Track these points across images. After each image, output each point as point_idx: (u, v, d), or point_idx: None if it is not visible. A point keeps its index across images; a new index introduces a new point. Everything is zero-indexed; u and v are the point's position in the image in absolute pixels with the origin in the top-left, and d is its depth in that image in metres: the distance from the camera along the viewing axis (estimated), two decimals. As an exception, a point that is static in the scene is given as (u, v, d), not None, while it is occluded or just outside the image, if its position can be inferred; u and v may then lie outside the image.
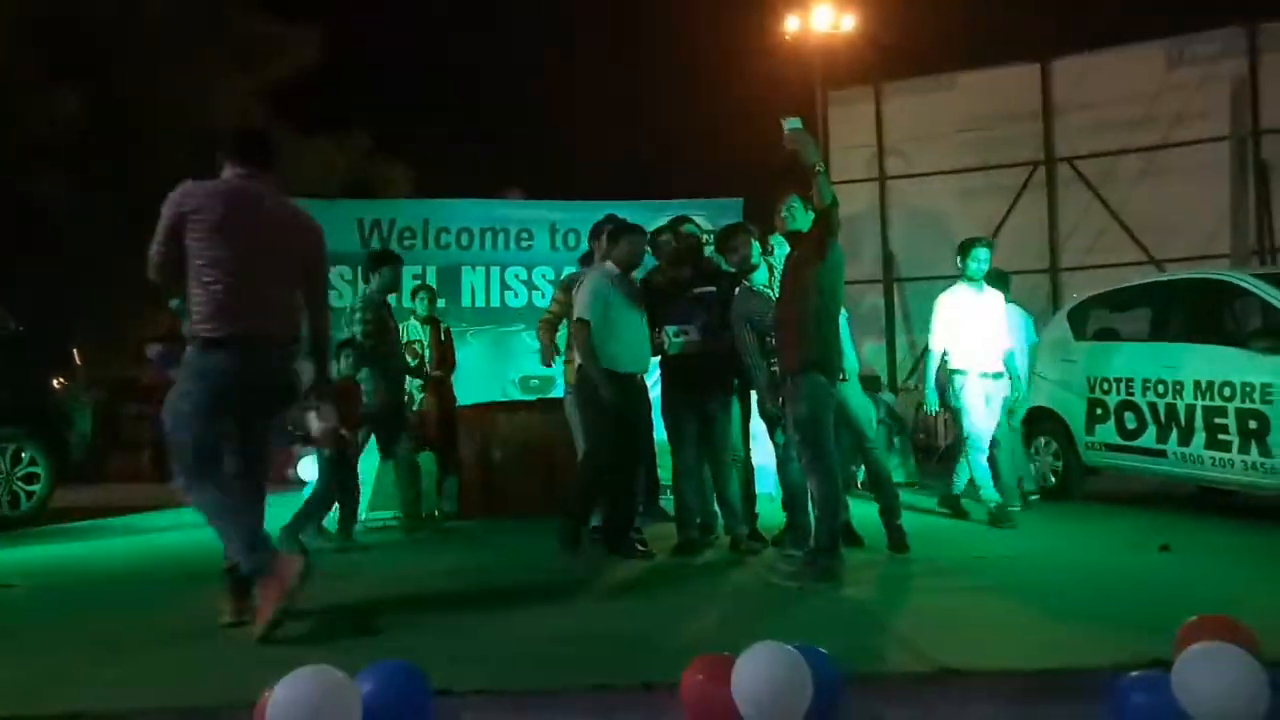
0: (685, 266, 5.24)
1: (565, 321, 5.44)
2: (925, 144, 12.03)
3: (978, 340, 5.88)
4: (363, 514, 6.27)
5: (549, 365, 5.83)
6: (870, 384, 9.34)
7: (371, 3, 18.42)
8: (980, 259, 6.02)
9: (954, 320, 5.96)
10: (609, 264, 5.02)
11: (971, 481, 6.07)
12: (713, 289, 5.08)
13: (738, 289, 4.90)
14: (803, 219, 4.41)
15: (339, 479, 5.57)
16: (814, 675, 2.27)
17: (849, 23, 13.96)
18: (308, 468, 7.71)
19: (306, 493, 7.30)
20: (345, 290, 10.37)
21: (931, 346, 6.08)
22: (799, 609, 3.67)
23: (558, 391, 7.35)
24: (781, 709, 2.21)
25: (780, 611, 3.65)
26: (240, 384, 3.31)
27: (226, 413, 3.37)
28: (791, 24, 14.16)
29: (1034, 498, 6.84)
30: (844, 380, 4.70)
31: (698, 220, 5.71)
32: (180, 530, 6.35)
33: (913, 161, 12.10)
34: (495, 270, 10.53)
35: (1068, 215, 11.33)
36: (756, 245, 4.87)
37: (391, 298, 6.30)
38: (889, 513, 4.90)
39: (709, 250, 5.63)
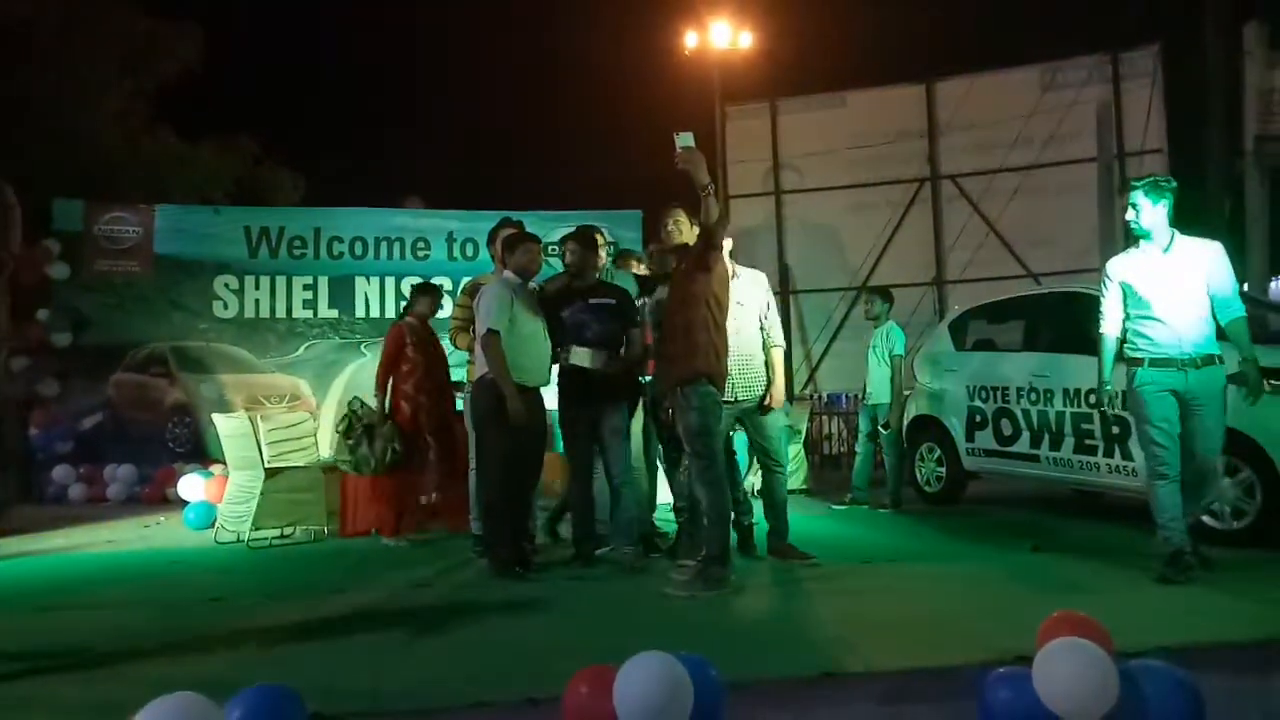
0: (589, 275, 5.17)
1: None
2: (818, 159, 12.37)
3: (1151, 317, 4.30)
4: (247, 532, 6.05)
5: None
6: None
7: (260, 3, 17.87)
8: (1140, 207, 4.29)
9: (1122, 291, 4.41)
10: (509, 273, 4.96)
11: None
12: (611, 300, 5.06)
13: (655, 295, 4.94)
14: (688, 233, 4.48)
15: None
16: (695, 683, 2.30)
17: (746, 39, 14.26)
18: (189, 487, 7.41)
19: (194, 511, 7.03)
20: (231, 300, 10.04)
21: (1103, 329, 4.51)
22: (687, 618, 3.71)
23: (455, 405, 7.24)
24: (662, 718, 2.23)
25: (668, 622, 3.68)
26: None
27: None
28: (690, 40, 14.38)
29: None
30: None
31: (603, 231, 5.64)
32: (30, 558, 5.98)
33: (806, 176, 12.43)
34: (390, 280, 10.37)
35: (951, 230, 11.83)
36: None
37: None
38: (777, 534, 4.99)
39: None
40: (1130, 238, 4.47)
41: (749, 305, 4.92)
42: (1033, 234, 11.35)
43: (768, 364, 4.96)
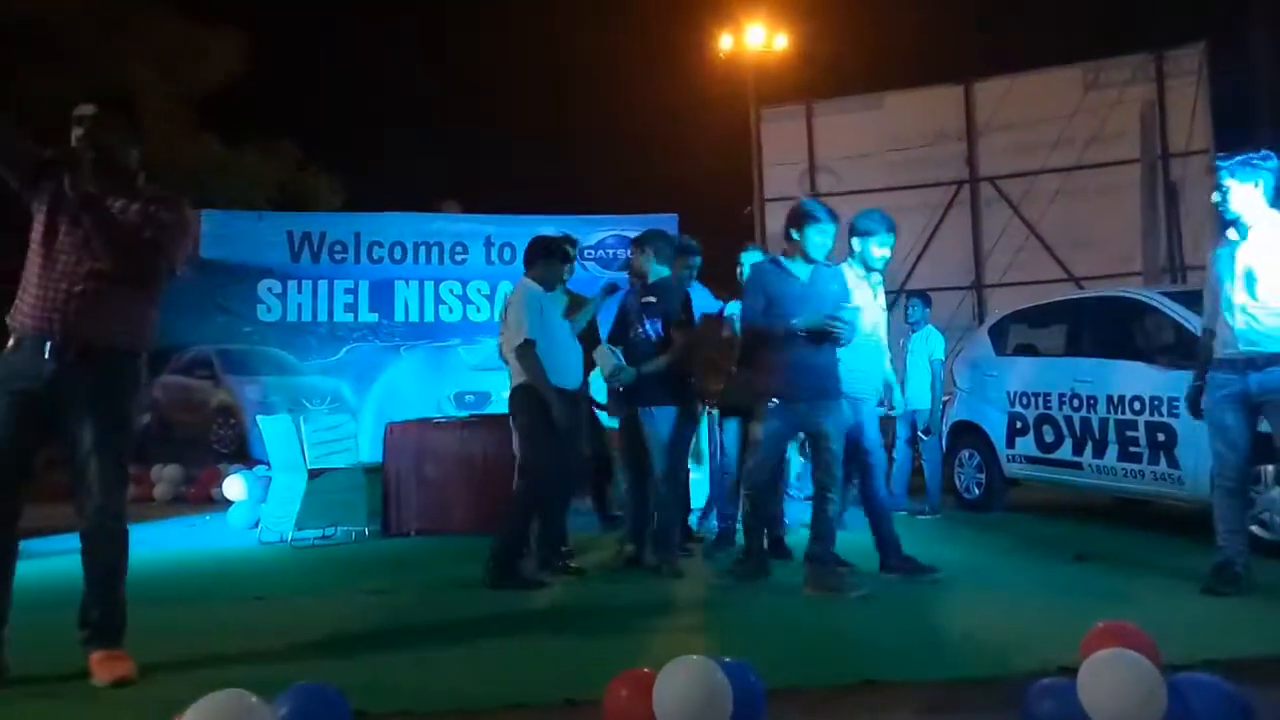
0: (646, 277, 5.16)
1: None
2: (855, 162, 12.30)
3: (1220, 312, 3.97)
4: (290, 532, 6.15)
5: None
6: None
7: (301, 10, 18.14)
8: (1228, 189, 3.96)
9: (1216, 284, 4.05)
10: (531, 282, 4.99)
11: None
12: (652, 298, 5.04)
13: None
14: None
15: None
16: (735, 688, 2.30)
17: (782, 41, 14.23)
18: (233, 487, 7.54)
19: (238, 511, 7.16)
20: (274, 303, 10.21)
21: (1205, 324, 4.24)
22: (725, 623, 3.72)
23: (494, 407, 7.30)
24: (702, 723, 2.23)
25: (708, 626, 3.69)
26: None
27: None
28: (725, 42, 14.37)
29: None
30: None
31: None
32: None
33: (843, 179, 12.36)
34: (429, 285, 10.49)
35: (991, 233, 11.70)
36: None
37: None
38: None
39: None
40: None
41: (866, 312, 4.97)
42: (1074, 237, 11.19)
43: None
